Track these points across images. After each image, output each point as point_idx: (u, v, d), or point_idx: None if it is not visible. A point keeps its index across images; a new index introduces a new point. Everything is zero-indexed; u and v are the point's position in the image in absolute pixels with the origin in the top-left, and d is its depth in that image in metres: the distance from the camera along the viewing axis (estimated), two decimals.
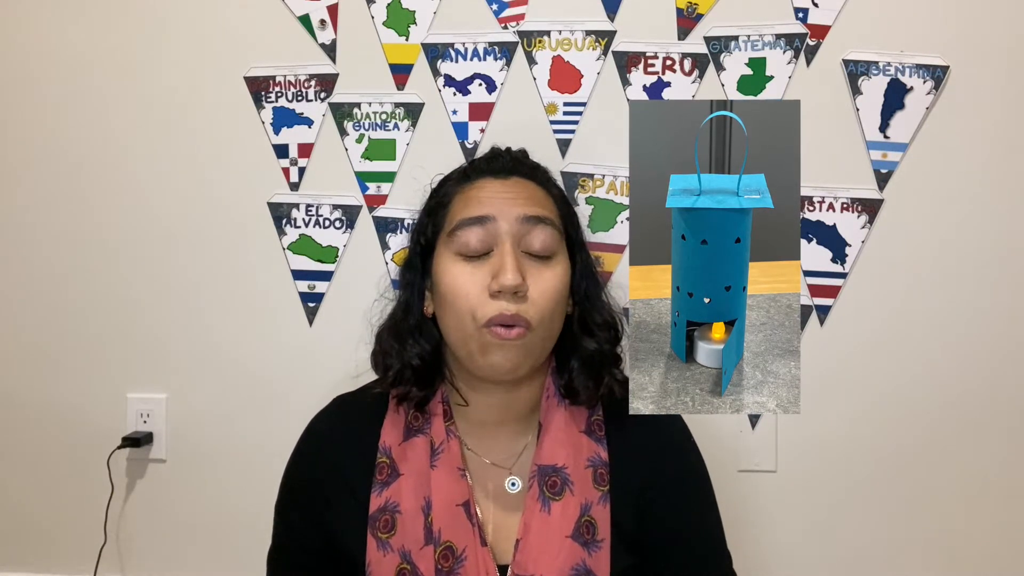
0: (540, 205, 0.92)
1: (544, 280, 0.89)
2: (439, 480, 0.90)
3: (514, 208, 0.90)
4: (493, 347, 0.87)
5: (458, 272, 0.89)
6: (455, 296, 0.88)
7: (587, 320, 0.95)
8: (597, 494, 0.91)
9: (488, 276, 0.87)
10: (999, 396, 1.25)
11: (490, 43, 1.27)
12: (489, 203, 0.91)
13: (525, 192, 0.93)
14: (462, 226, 0.90)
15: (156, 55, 1.30)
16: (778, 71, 1.24)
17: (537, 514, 0.89)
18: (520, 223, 0.89)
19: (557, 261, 0.91)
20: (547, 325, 0.89)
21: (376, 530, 0.89)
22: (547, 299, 0.88)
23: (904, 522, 1.26)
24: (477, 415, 0.94)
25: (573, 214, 0.98)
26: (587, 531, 0.89)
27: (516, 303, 0.86)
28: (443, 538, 0.87)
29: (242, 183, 1.30)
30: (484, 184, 0.94)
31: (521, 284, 0.86)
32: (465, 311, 0.87)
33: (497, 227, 0.89)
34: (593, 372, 0.94)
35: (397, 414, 0.95)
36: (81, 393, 1.33)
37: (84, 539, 1.32)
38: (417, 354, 0.94)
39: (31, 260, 1.33)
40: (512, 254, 0.87)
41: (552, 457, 0.92)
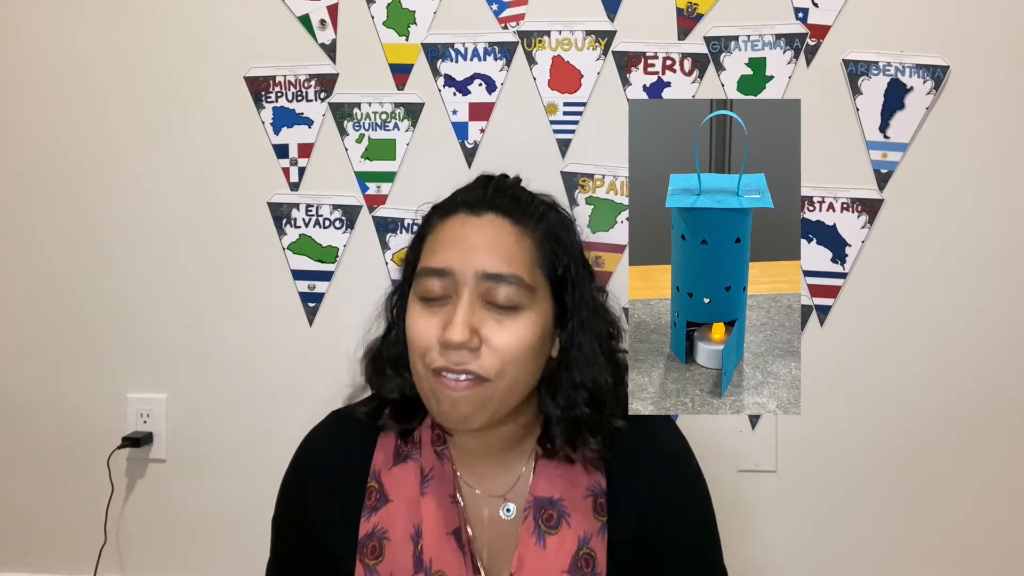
0: (506, 257, 0.85)
1: (506, 331, 0.83)
2: (429, 507, 0.88)
3: (476, 260, 0.84)
4: (442, 395, 0.83)
5: (417, 315, 0.86)
6: (411, 339, 0.86)
7: (556, 381, 0.88)
8: (596, 525, 0.88)
9: (442, 326, 0.83)
10: (999, 396, 1.25)
11: (490, 43, 1.27)
12: (452, 251, 0.86)
13: (493, 237, 0.86)
14: (423, 274, 0.87)
15: (156, 55, 1.30)
16: (778, 71, 1.24)
17: (532, 548, 0.87)
18: (479, 279, 0.84)
19: (526, 313, 0.85)
20: (508, 377, 0.83)
21: (364, 556, 0.88)
22: (508, 351, 0.83)
23: (904, 522, 1.26)
24: (463, 444, 0.92)
25: (563, 253, 0.90)
26: (586, 564, 0.87)
27: (466, 359, 0.82)
28: (434, 568, 0.85)
29: (242, 183, 1.30)
30: (455, 222, 0.88)
31: (468, 340, 0.81)
32: (419, 356, 0.85)
33: (455, 280, 0.84)
34: (566, 433, 0.87)
35: (388, 438, 0.93)
36: (81, 393, 1.33)
37: (84, 539, 1.32)
38: (396, 387, 0.91)
39: (31, 260, 1.33)
40: (465, 309, 0.83)
41: (549, 489, 0.89)
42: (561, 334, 0.90)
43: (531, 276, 0.86)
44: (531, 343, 0.85)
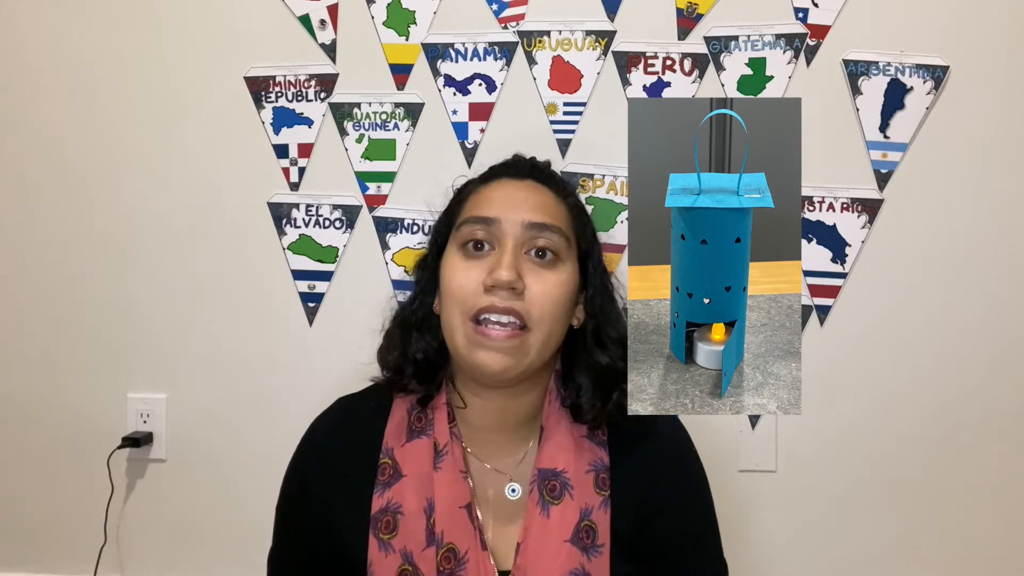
0: (548, 212, 0.91)
1: (545, 281, 0.88)
2: (442, 482, 0.90)
3: (520, 213, 0.90)
4: (478, 346, 0.86)
5: (458, 265, 0.90)
6: (451, 288, 0.89)
7: (601, 334, 0.94)
8: (598, 499, 0.91)
9: (486, 272, 0.87)
10: (999, 396, 1.25)
11: (490, 43, 1.27)
12: (498, 204, 0.91)
13: (536, 197, 0.93)
14: (468, 222, 0.91)
15: (156, 55, 1.30)
16: (778, 71, 1.24)
17: (537, 518, 0.89)
18: (524, 228, 0.89)
19: (562, 267, 0.90)
20: (545, 328, 0.88)
21: (378, 531, 0.89)
22: (547, 300, 0.88)
23: (904, 522, 1.26)
24: (476, 419, 0.94)
25: (588, 228, 0.97)
26: (587, 536, 0.89)
27: (511, 299, 0.86)
28: (445, 540, 0.87)
29: (242, 183, 1.30)
30: (499, 184, 0.95)
31: (515, 280, 0.86)
32: (458, 303, 0.88)
33: (501, 229, 0.89)
34: (602, 388, 0.92)
35: (400, 415, 0.95)
36: (81, 393, 1.33)
37: (84, 539, 1.32)
38: (421, 348, 0.94)
39: (31, 260, 1.33)
40: (511, 252, 0.87)
41: (552, 461, 0.92)
42: (586, 301, 0.95)
43: (569, 232, 0.93)
44: (565, 297, 0.90)
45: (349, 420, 0.98)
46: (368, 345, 1.00)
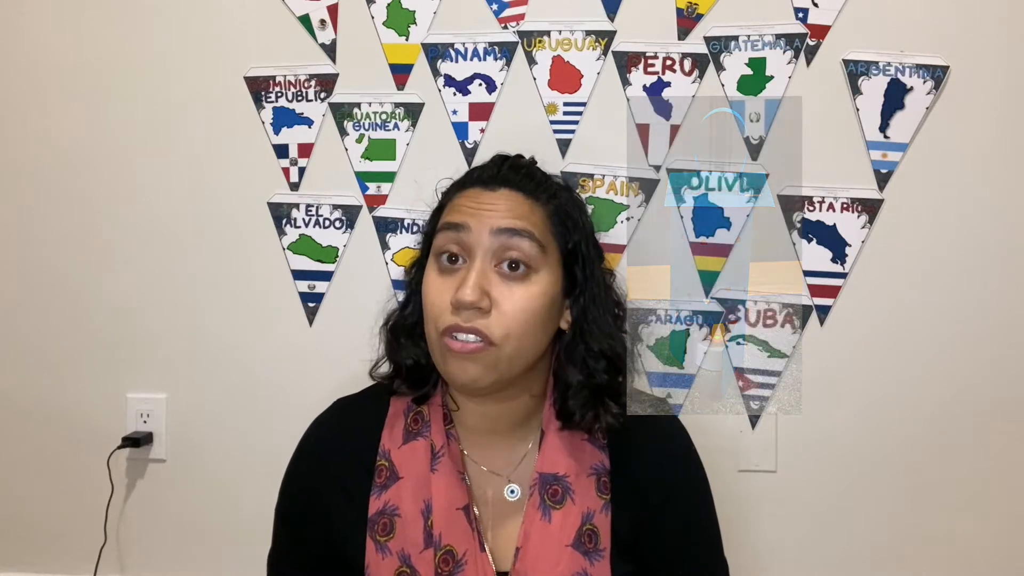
0: (520, 218, 0.88)
1: (514, 297, 0.86)
2: (439, 484, 0.90)
3: (490, 219, 0.87)
4: (449, 357, 0.86)
5: (432, 280, 0.89)
6: (426, 303, 0.89)
7: (573, 349, 0.92)
8: (600, 503, 0.90)
9: (456, 288, 0.86)
10: (999, 396, 1.25)
11: (490, 43, 1.27)
12: (468, 210, 0.89)
13: (507, 204, 0.89)
14: (442, 229, 0.90)
15: (156, 55, 1.30)
16: (778, 71, 1.24)
17: (537, 523, 0.89)
18: (492, 235, 0.87)
19: (535, 279, 0.87)
20: (513, 343, 0.86)
21: (375, 533, 0.89)
22: (515, 317, 0.85)
23: (904, 522, 1.26)
24: (470, 422, 0.94)
25: (574, 230, 0.92)
26: (589, 540, 0.89)
27: (476, 318, 0.85)
28: (443, 542, 0.87)
29: (242, 183, 1.30)
30: (470, 193, 0.92)
31: (478, 300, 0.84)
32: (432, 319, 0.88)
33: (471, 237, 0.87)
34: (587, 402, 0.90)
35: (397, 417, 0.95)
36: (81, 393, 1.33)
37: (84, 539, 1.32)
38: (410, 354, 0.94)
39: (31, 260, 1.33)
40: (478, 269, 0.86)
41: (553, 465, 0.91)
42: (572, 306, 0.92)
43: (543, 237, 0.89)
44: (539, 310, 0.87)
45: (346, 422, 0.98)
46: (368, 345, 1.00)
